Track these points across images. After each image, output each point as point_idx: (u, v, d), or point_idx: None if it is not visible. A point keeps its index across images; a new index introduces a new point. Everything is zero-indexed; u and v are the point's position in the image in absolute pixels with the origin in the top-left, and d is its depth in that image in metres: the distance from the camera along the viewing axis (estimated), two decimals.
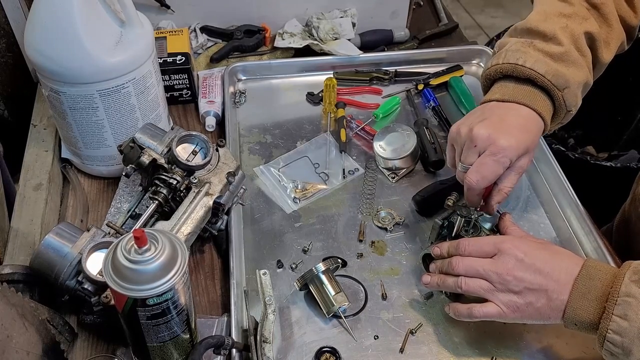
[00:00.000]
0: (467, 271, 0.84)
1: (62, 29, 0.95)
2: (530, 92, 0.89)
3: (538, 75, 0.88)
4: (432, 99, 1.30)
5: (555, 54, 0.89)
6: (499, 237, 0.87)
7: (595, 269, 0.80)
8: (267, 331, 0.85)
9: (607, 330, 0.76)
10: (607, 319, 0.76)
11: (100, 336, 0.91)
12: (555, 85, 0.88)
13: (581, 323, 0.79)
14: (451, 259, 0.87)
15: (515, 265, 0.81)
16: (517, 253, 0.82)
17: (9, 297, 0.77)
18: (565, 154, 1.43)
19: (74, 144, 1.10)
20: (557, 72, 0.88)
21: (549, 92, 0.89)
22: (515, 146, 0.86)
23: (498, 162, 0.85)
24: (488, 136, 0.86)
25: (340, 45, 1.39)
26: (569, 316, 0.80)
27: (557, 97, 0.89)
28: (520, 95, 0.88)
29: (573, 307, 0.79)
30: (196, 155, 0.98)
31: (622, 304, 0.75)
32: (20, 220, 1.03)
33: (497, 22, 3.34)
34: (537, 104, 0.88)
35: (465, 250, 0.86)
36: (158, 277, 0.68)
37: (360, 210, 1.10)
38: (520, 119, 0.88)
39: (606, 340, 0.76)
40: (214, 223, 0.99)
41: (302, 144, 1.22)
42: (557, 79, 0.88)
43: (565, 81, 0.88)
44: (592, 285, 0.79)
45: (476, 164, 0.87)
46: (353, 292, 0.97)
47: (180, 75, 1.26)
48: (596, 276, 0.79)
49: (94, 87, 0.99)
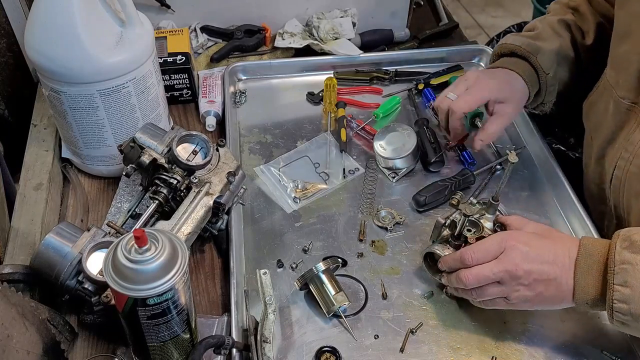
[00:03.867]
0: (479, 281, 0.85)
1: (62, 29, 0.95)
2: (513, 61, 1.12)
3: (516, 46, 1.12)
4: (433, 99, 1.30)
5: (532, 35, 1.14)
6: (500, 235, 0.87)
7: (592, 246, 0.82)
8: (268, 331, 0.85)
9: (612, 301, 0.78)
10: (610, 290, 0.78)
11: (101, 336, 0.91)
12: (529, 51, 1.10)
13: (591, 301, 0.81)
14: (459, 273, 0.87)
15: (522, 258, 0.83)
16: (521, 247, 0.83)
17: (9, 297, 0.77)
18: (565, 153, 1.43)
19: (74, 143, 1.10)
20: (529, 43, 1.11)
21: (527, 59, 1.10)
22: (497, 87, 1.09)
23: (481, 92, 1.08)
24: (477, 75, 1.12)
25: (341, 45, 1.39)
26: (579, 297, 0.82)
27: (533, 61, 1.10)
28: (506, 63, 1.12)
29: (580, 287, 0.81)
30: (196, 155, 0.98)
31: (619, 273, 0.77)
32: (20, 220, 1.03)
33: (497, 22, 3.33)
34: (518, 67, 1.10)
35: (472, 261, 0.86)
36: (158, 277, 0.68)
37: (360, 209, 1.10)
38: (505, 76, 1.11)
39: (614, 311, 0.78)
40: (214, 223, 0.99)
41: (302, 144, 1.22)
42: (530, 47, 1.10)
43: (537, 48, 1.10)
44: (592, 262, 0.81)
45: (463, 94, 1.09)
46: (353, 292, 0.97)
47: (180, 75, 1.26)
48: (594, 252, 0.82)
49: (94, 87, 0.99)
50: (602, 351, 0.90)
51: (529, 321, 0.94)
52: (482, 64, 1.41)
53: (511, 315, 0.94)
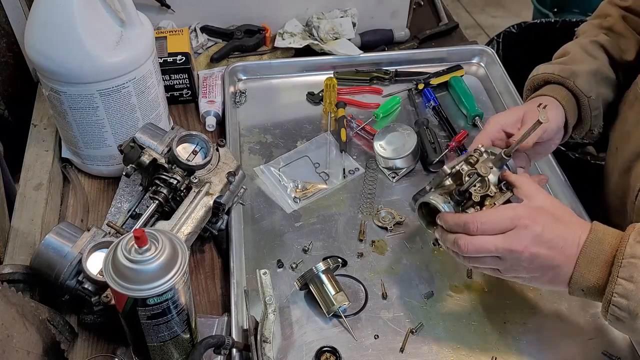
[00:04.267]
0: (478, 252, 0.80)
1: (62, 29, 0.95)
2: (549, 88, 1.04)
3: (548, 74, 1.04)
4: (433, 99, 1.30)
5: (564, 60, 1.07)
6: (515, 210, 0.81)
7: (603, 234, 0.78)
8: (268, 331, 0.85)
9: (612, 294, 0.75)
10: (613, 282, 0.75)
11: (101, 336, 0.91)
12: (564, 76, 1.02)
13: (588, 289, 0.78)
14: (459, 239, 0.81)
15: (532, 241, 0.78)
16: (535, 228, 0.78)
17: (9, 297, 0.77)
18: (565, 153, 1.43)
19: (74, 143, 1.10)
20: (563, 69, 1.03)
21: (563, 84, 1.02)
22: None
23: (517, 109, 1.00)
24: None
25: (341, 45, 1.39)
26: (575, 282, 0.78)
27: (570, 85, 1.02)
28: (545, 91, 1.03)
29: (581, 273, 0.78)
30: (196, 155, 0.98)
31: (627, 266, 0.74)
32: (20, 220, 1.03)
33: (497, 22, 3.33)
34: (556, 93, 1.02)
35: (476, 231, 0.80)
36: (158, 277, 0.68)
37: (360, 209, 1.10)
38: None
39: (611, 305, 0.75)
40: (214, 223, 0.99)
41: (302, 144, 1.22)
42: (563, 72, 1.03)
43: (571, 72, 1.02)
44: (600, 250, 0.77)
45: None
46: (353, 292, 0.97)
47: (180, 75, 1.26)
48: (604, 240, 0.78)
49: (94, 87, 0.99)
50: (602, 352, 0.90)
51: (529, 321, 0.94)
52: (482, 64, 1.41)
53: (511, 315, 0.94)
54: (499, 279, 0.96)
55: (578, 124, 1.04)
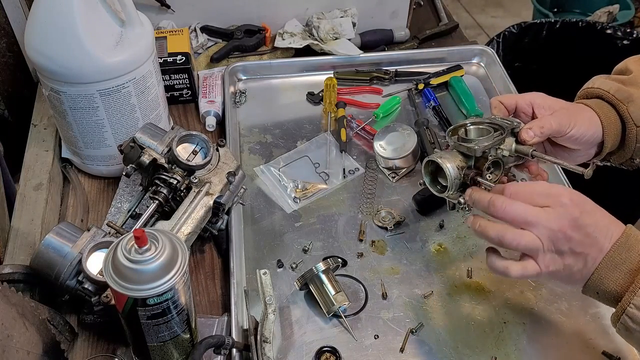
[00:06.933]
0: (515, 218, 0.75)
1: (62, 29, 0.95)
2: (597, 102, 0.94)
3: (603, 91, 0.94)
4: (433, 99, 1.30)
5: (623, 79, 0.96)
6: (554, 186, 0.77)
7: (635, 239, 0.74)
8: (267, 331, 0.85)
9: (629, 304, 0.71)
10: (633, 293, 0.71)
11: (101, 336, 0.91)
12: (619, 99, 0.92)
13: (604, 293, 0.75)
14: (494, 198, 0.76)
15: (570, 222, 0.74)
16: (574, 210, 0.74)
17: (9, 297, 0.77)
18: None
19: (74, 143, 1.10)
20: (620, 89, 0.93)
21: (615, 106, 0.93)
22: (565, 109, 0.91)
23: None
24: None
25: (341, 45, 1.39)
26: (592, 284, 0.75)
27: (622, 109, 0.92)
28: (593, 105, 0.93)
29: (600, 276, 0.74)
30: (196, 155, 0.98)
31: None
32: (20, 220, 1.03)
33: (497, 22, 3.33)
34: (602, 110, 0.92)
35: (512, 194, 0.76)
36: (158, 277, 0.68)
37: (360, 209, 1.10)
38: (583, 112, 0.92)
39: (625, 315, 0.72)
40: (214, 223, 0.99)
41: (302, 144, 1.22)
42: (620, 93, 0.93)
43: (628, 95, 0.92)
44: (627, 257, 0.73)
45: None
46: (353, 292, 0.97)
47: (180, 75, 1.26)
48: (635, 248, 0.74)
49: (94, 87, 0.99)
50: (602, 352, 0.90)
51: (529, 321, 0.94)
52: (482, 64, 1.41)
53: (511, 315, 0.94)
54: (498, 279, 0.97)
55: (619, 149, 0.96)
